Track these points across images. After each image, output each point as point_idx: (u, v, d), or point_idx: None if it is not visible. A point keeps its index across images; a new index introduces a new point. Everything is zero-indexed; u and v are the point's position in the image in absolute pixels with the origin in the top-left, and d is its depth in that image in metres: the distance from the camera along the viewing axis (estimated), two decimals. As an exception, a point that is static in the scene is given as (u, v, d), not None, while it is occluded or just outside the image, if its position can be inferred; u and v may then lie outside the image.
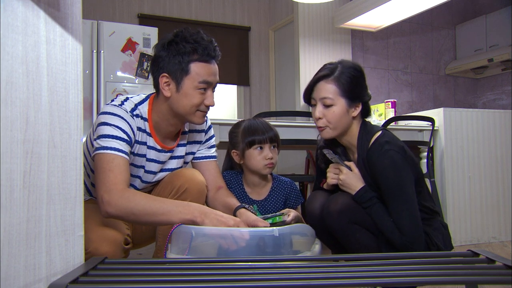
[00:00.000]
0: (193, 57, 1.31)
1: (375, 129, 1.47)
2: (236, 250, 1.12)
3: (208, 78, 1.33)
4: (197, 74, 1.31)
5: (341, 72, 1.43)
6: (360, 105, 1.45)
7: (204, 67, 1.32)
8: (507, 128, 3.11)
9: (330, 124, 1.44)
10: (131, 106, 1.36)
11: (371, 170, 1.42)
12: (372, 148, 1.41)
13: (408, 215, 1.35)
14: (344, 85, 1.41)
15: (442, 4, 3.77)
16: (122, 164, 1.26)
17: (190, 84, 1.32)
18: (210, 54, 1.32)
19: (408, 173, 1.38)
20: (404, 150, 1.40)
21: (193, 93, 1.32)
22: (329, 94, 1.42)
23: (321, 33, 4.39)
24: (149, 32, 3.45)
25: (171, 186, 1.41)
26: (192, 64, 1.31)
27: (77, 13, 0.93)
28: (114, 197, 1.19)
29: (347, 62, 1.47)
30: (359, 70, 1.46)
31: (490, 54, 4.69)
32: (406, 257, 1.05)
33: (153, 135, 1.40)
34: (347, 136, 1.49)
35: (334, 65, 1.46)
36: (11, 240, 0.77)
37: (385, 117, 3.17)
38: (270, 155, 1.57)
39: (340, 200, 1.42)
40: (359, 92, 1.44)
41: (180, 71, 1.31)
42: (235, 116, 5.11)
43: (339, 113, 1.42)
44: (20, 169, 0.79)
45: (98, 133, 1.29)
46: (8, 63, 0.78)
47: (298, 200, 1.67)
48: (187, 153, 1.54)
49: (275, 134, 1.59)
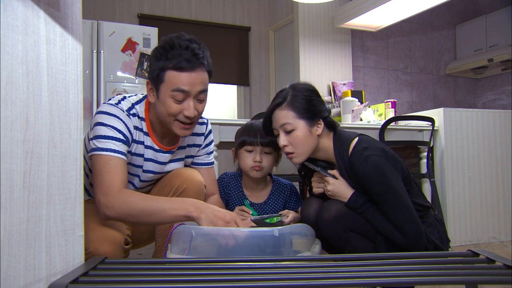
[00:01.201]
0: (169, 65, 1.26)
1: (350, 137, 1.45)
2: (236, 250, 1.12)
3: (182, 86, 1.26)
4: (171, 82, 1.26)
5: (294, 96, 1.42)
6: (321, 121, 1.44)
7: (179, 76, 1.26)
8: (507, 128, 3.11)
9: (297, 149, 1.43)
10: (128, 105, 1.36)
11: (355, 178, 1.41)
12: (353, 157, 1.40)
13: (405, 216, 1.35)
14: (298, 108, 1.41)
15: (442, 4, 3.77)
16: (118, 165, 1.26)
17: (165, 92, 1.28)
18: (187, 61, 1.25)
19: (394, 174, 1.37)
20: (385, 152, 1.40)
21: (168, 102, 1.28)
22: (287, 119, 1.42)
23: (321, 33, 4.39)
24: (149, 32, 3.45)
25: (170, 186, 1.41)
26: (167, 72, 1.26)
27: (77, 13, 0.93)
28: (111, 200, 1.19)
29: (297, 85, 1.47)
30: (311, 89, 1.46)
31: (490, 54, 4.69)
32: (406, 257, 1.05)
33: (151, 135, 1.40)
34: (321, 153, 1.48)
35: (285, 91, 1.45)
36: (11, 240, 0.77)
37: (385, 117, 3.17)
38: (258, 159, 1.55)
39: (333, 208, 1.41)
40: (316, 110, 1.43)
41: (157, 78, 1.28)
42: (235, 116, 5.11)
43: (302, 136, 1.42)
44: (20, 169, 0.79)
45: (94, 133, 1.29)
46: (8, 63, 0.78)
47: (298, 203, 1.66)
48: (186, 156, 1.54)
49: (271, 141, 1.55)
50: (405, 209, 1.35)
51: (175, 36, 1.30)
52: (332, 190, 1.43)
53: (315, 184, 1.53)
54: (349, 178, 1.43)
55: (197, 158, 1.57)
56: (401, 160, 1.45)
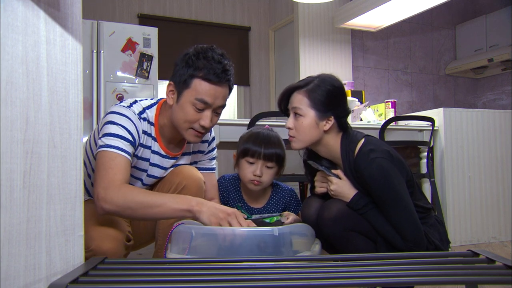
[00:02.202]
0: (198, 74, 1.30)
1: (357, 137, 1.45)
2: (236, 250, 1.12)
3: (206, 97, 1.31)
4: (196, 90, 1.30)
5: (316, 85, 1.42)
6: (332, 118, 1.43)
7: (205, 86, 1.30)
8: (507, 128, 3.11)
9: (299, 135, 1.43)
10: (139, 109, 1.37)
11: (360, 179, 1.40)
12: (358, 158, 1.39)
13: (407, 220, 1.34)
14: (314, 98, 1.41)
15: (442, 4, 3.77)
16: (123, 163, 1.26)
17: (188, 98, 1.31)
18: (216, 75, 1.30)
19: (399, 177, 1.37)
20: (391, 155, 1.39)
21: (188, 108, 1.31)
22: (300, 104, 1.42)
23: (321, 33, 4.39)
24: (149, 32, 3.45)
25: (170, 183, 1.42)
26: (195, 79, 1.30)
27: (77, 13, 0.93)
28: (110, 193, 1.19)
29: (326, 77, 1.45)
30: (336, 86, 1.43)
31: (490, 54, 4.69)
32: (406, 257, 1.05)
33: (158, 140, 1.41)
34: (325, 149, 1.48)
35: (312, 78, 1.45)
36: (11, 240, 0.77)
37: (385, 117, 3.17)
38: (259, 173, 1.49)
39: (334, 207, 1.40)
40: (331, 106, 1.42)
41: (183, 83, 1.31)
42: (235, 116, 5.11)
43: (307, 125, 1.42)
44: (20, 169, 0.79)
45: (103, 132, 1.29)
46: (8, 63, 0.78)
47: (298, 208, 1.65)
48: (191, 162, 1.55)
49: (275, 154, 1.51)
50: (407, 214, 1.35)
51: (209, 47, 1.34)
52: (335, 189, 1.43)
53: (318, 183, 1.52)
54: (353, 179, 1.43)
55: (199, 164, 1.59)
56: (405, 162, 1.45)
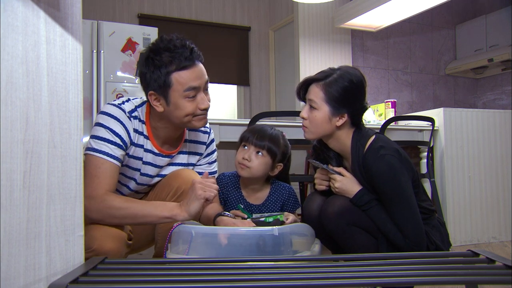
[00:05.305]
0: (172, 68, 1.27)
1: (368, 134, 1.45)
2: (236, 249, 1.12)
3: (192, 83, 1.29)
4: (180, 83, 1.28)
5: (334, 80, 1.41)
6: (346, 115, 1.43)
7: (185, 74, 1.28)
8: (507, 128, 3.11)
9: (311, 127, 1.45)
10: (131, 107, 1.37)
11: (367, 175, 1.41)
12: (368, 154, 1.40)
13: (410, 219, 1.35)
14: (330, 93, 1.40)
15: (442, 4, 3.76)
16: (109, 170, 1.27)
17: (177, 95, 1.29)
18: (187, 59, 1.27)
19: (406, 176, 1.38)
20: (400, 153, 1.40)
21: (183, 103, 1.30)
22: (315, 97, 1.43)
23: (321, 33, 4.39)
24: (149, 32, 3.45)
25: (169, 188, 1.41)
26: (172, 75, 1.27)
27: (77, 13, 0.93)
28: (94, 204, 1.21)
29: (347, 71, 1.43)
30: (355, 82, 1.41)
31: (490, 54, 4.68)
32: (406, 257, 1.05)
33: (151, 138, 1.40)
34: (335, 143, 1.48)
35: (332, 71, 1.44)
36: (11, 240, 0.77)
37: (385, 117, 3.17)
38: (247, 156, 1.51)
39: (338, 202, 1.41)
40: (346, 103, 1.41)
41: (163, 85, 1.28)
42: (235, 116, 5.11)
43: (320, 119, 1.42)
44: (20, 169, 0.79)
45: (92, 133, 1.31)
46: (8, 63, 0.78)
47: (295, 206, 1.66)
48: (188, 162, 1.53)
49: (268, 141, 1.52)
50: (411, 212, 1.35)
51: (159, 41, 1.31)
52: (340, 187, 1.44)
53: (318, 181, 1.53)
54: (360, 174, 1.44)
55: (199, 167, 1.56)
56: (412, 162, 1.45)
